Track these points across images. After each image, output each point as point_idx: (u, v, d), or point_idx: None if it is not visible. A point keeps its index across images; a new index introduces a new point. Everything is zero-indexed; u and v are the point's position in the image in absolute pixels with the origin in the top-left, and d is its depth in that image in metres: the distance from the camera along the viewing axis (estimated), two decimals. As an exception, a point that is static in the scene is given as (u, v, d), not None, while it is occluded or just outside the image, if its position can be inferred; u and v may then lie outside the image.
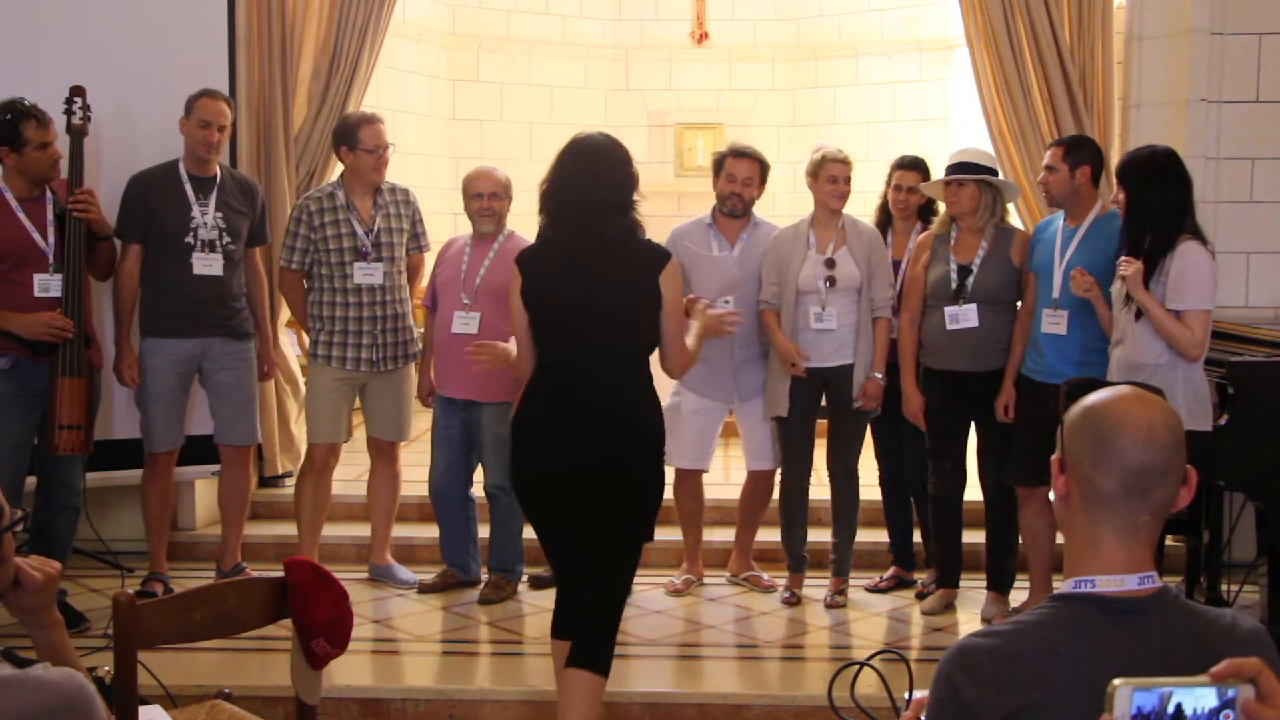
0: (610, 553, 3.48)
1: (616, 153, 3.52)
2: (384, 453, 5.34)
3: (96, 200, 4.68)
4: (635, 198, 3.52)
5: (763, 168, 5.04)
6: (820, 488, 5.21)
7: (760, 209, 5.25)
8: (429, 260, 5.45)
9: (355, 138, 5.08)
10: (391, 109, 8.46)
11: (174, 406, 5.01)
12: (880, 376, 4.96)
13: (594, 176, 3.45)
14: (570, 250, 3.47)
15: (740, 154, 5.04)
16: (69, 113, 4.67)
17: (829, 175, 4.98)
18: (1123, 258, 4.26)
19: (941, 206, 5.02)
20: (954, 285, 4.78)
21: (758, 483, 5.31)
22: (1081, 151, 4.60)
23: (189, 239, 4.91)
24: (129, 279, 4.92)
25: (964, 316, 4.76)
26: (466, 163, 6.23)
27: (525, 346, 3.54)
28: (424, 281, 5.43)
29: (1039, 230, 4.82)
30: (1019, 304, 4.83)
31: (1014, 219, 5.34)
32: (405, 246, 5.23)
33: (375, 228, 5.10)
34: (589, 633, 3.46)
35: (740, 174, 4.99)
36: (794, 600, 5.12)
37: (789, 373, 4.95)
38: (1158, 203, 4.24)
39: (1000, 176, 4.95)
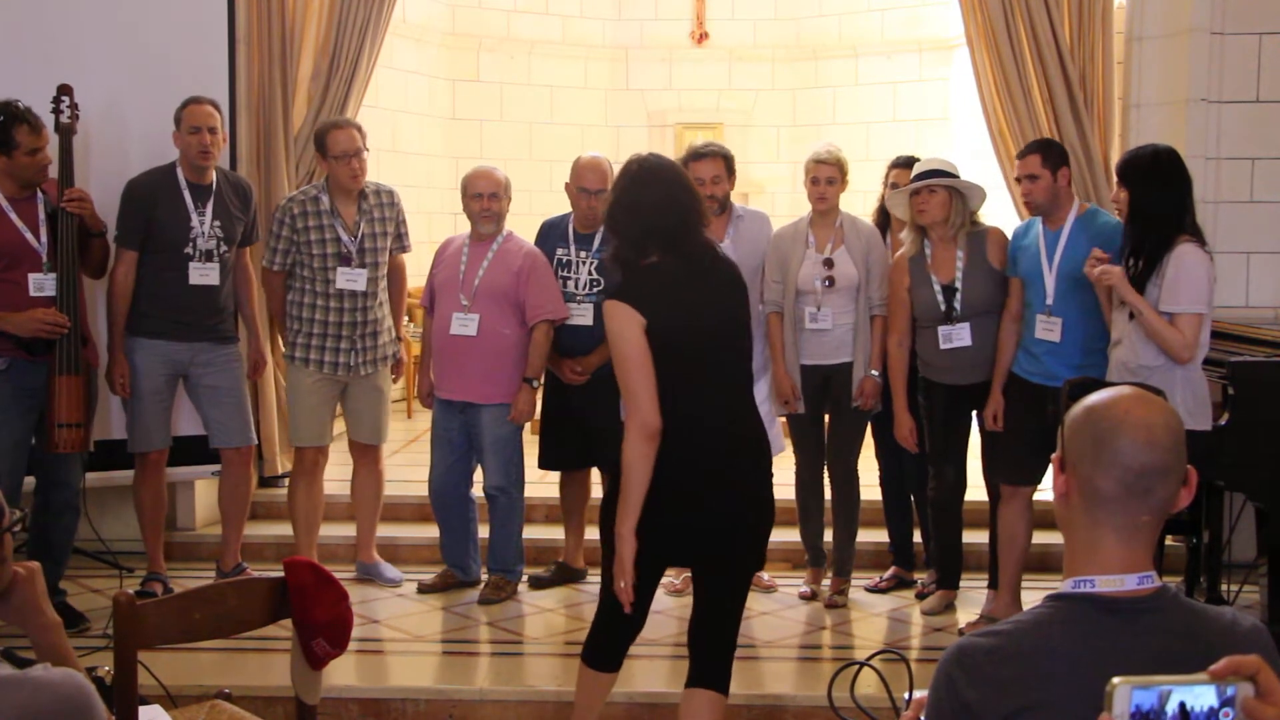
0: (739, 584, 3.42)
1: (679, 170, 3.42)
2: (365, 454, 5.34)
3: (89, 198, 4.66)
4: None
5: (726, 161, 4.97)
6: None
7: (760, 208, 5.23)
8: (426, 260, 5.43)
9: (324, 144, 5.08)
10: (391, 109, 8.48)
11: (161, 407, 4.99)
12: (877, 375, 4.96)
13: (674, 196, 3.27)
14: (677, 275, 3.22)
15: (700, 155, 4.95)
16: (56, 111, 4.67)
17: (810, 177, 5.01)
18: (1093, 255, 4.25)
19: None
20: (943, 307, 4.76)
21: None
22: (1055, 154, 4.59)
23: (188, 249, 4.90)
24: (124, 286, 4.88)
25: (957, 335, 4.74)
26: (466, 163, 6.21)
27: (650, 392, 3.10)
28: (403, 281, 5.41)
29: (1018, 237, 4.75)
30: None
31: (1013, 222, 5.31)
32: (390, 250, 5.22)
33: (360, 233, 5.09)
34: (716, 655, 3.41)
35: (706, 175, 4.88)
36: (810, 595, 5.12)
37: (780, 410, 4.98)
38: (1159, 201, 4.23)
39: (964, 180, 4.88)
